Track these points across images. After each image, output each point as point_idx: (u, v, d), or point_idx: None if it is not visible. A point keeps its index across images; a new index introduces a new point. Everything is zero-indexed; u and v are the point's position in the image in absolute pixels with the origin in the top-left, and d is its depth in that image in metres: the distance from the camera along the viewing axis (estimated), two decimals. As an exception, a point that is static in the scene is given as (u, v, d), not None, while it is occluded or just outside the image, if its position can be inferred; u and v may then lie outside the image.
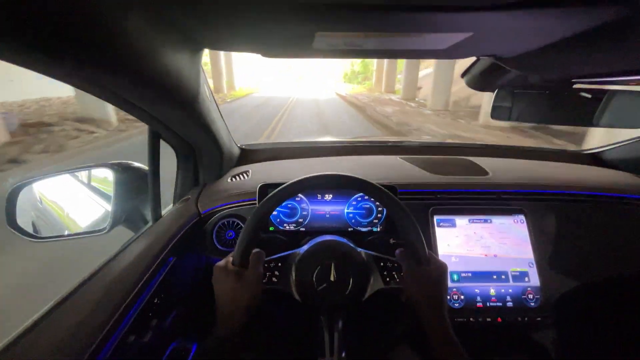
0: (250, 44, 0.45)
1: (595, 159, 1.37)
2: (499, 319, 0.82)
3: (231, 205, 0.90)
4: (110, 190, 0.83)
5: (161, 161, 0.83)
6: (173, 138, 0.85)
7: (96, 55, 0.41)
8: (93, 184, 0.88)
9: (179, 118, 0.72)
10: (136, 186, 0.92)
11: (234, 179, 1.04)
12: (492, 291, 0.84)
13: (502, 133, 7.36)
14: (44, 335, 0.50)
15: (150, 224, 0.88)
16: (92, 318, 0.53)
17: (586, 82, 0.51)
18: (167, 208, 0.97)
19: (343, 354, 0.64)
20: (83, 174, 0.90)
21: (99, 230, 0.83)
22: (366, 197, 0.89)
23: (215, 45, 0.47)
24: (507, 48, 0.44)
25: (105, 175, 0.85)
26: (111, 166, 0.84)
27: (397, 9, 0.30)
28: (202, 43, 0.48)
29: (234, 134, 1.18)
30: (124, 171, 0.85)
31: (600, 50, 0.37)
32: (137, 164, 0.90)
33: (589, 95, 0.58)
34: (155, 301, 0.69)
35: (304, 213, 0.89)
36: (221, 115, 0.97)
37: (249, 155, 1.29)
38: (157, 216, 0.89)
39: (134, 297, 0.62)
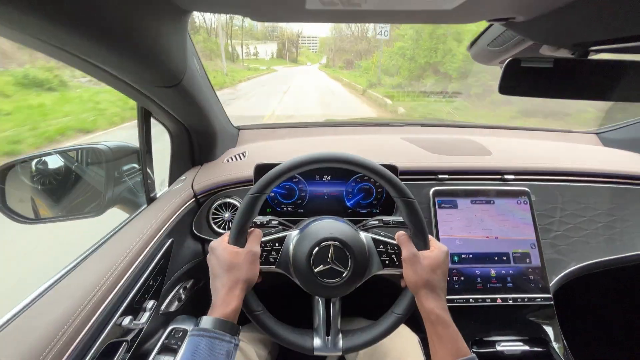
0: (238, 5, 0.41)
1: (601, 139, 1.34)
2: (499, 300, 0.81)
3: (227, 187, 0.88)
4: (101, 170, 0.81)
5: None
6: (164, 117, 0.82)
7: (73, 25, 0.38)
8: (84, 164, 0.85)
9: (168, 94, 0.68)
10: (129, 167, 0.89)
11: (230, 160, 1.01)
12: (493, 272, 0.83)
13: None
14: (35, 318, 0.49)
15: (145, 205, 0.86)
16: (87, 299, 0.52)
17: (603, 49, 0.47)
18: (163, 190, 0.95)
19: (339, 336, 0.64)
20: (74, 154, 0.87)
21: (93, 212, 0.81)
22: (366, 178, 0.87)
23: (200, 6, 0.43)
24: (521, 8, 0.40)
25: (96, 155, 0.82)
26: (103, 146, 0.81)
27: None
28: (185, 4, 0.44)
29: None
30: (116, 151, 0.82)
31: (620, 10, 0.34)
32: (129, 144, 0.87)
33: (605, 66, 0.54)
34: (151, 283, 0.67)
35: (302, 194, 0.87)
36: (215, 93, 0.93)
37: (245, 136, 1.26)
38: (151, 198, 0.87)
39: (129, 279, 0.61)
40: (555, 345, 0.79)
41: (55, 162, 0.80)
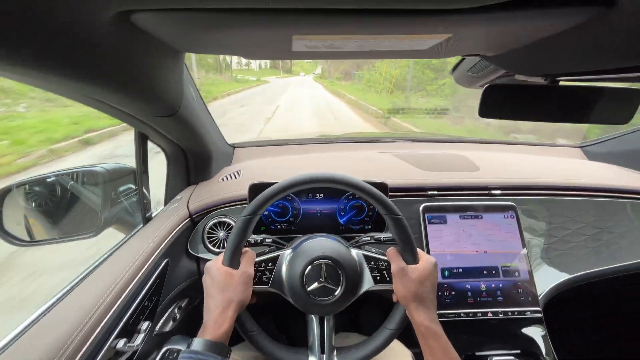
0: (230, 48, 0.45)
1: (585, 152, 1.39)
2: (490, 314, 0.83)
3: (222, 206, 0.90)
4: (98, 191, 0.82)
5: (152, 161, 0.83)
6: (161, 140, 0.84)
7: (76, 66, 0.40)
8: (81, 186, 0.86)
9: (165, 122, 0.71)
10: (126, 187, 0.91)
11: (225, 179, 1.03)
12: (483, 286, 0.85)
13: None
14: (33, 341, 0.50)
15: (141, 225, 0.87)
16: (82, 322, 0.53)
17: (571, 79, 0.51)
18: (159, 209, 0.96)
19: (334, 353, 0.65)
20: (71, 176, 0.89)
21: (89, 233, 0.83)
22: (357, 196, 0.89)
23: (195, 49, 0.47)
24: (488, 47, 0.44)
25: (93, 177, 0.84)
26: (100, 168, 0.83)
27: (371, 13, 0.29)
28: (181, 47, 0.48)
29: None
30: (112, 173, 0.84)
31: (580, 48, 0.38)
32: (126, 165, 0.89)
33: (577, 92, 0.58)
34: (146, 304, 0.68)
35: (295, 212, 0.89)
36: (210, 115, 0.97)
37: (241, 154, 1.28)
38: (147, 217, 0.88)
39: (125, 300, 0.62)
40: (546, 358, 0.80)
41: (52, 185, 0.82)
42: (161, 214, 0.90)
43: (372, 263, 0.67)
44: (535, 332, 0.84)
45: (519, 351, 0.83)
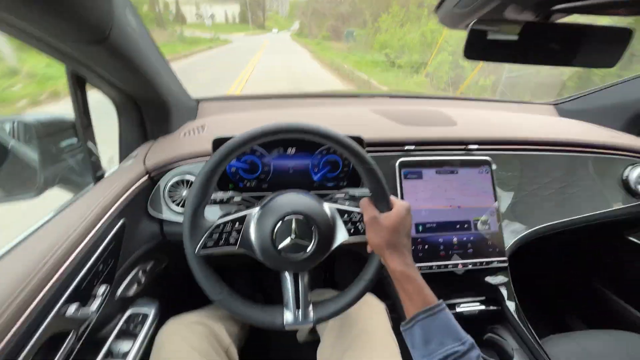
0: None
1: (557, 109, 1.40)
2: (460, 265, 0.85)
3: (183, 162, 0.82)
4: (34, 146, 0.71)
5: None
6: (103, 84, 0.72)
7: None
8: (12, 138, 0.74)
9: (95, 53, 0.59)
10: (69, 142, 0.80)
11: (187, 134, 0.93)
12: (455, 240, 0.86)
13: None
14: None
15: (91, 184, 0.78)
16: (19, 288, 0.47)
17: (565, 9, 0.46)
18: (113, 168, 0.86)
19: (310, 308, 0.64)
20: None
21: (28, 193, 0.72)
22: (332, 151, 0.84)
23: None
24: None
25: (24, 129, 0.71)
26: (31, 118, 0.71)
27: None
28: None
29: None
30: (47, 125, 0.72)
31: None
32: (64, 116, 0.77)
33: (565, 31, 0.54)
34: (101, 267, 0.62)
35: (266, 169, 0.83)
36: (164, 58, 0.84)
37: (207, 109, 1.17)
38: (98, 176, 0.79)
39: (73, 264, 0.55)
40: (508, 303, 0.85)
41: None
42: (115, 172, 0.81)
43: (346, 216, 0.64)
44: (500, 280, 0.88)
45: (484, 297, 0.87)
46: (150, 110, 0.87)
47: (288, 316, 0.62)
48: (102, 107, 0.83)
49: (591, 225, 1.01)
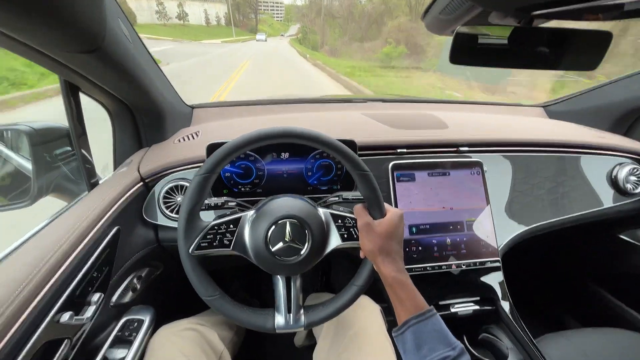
0: None
1: (547, 111, 1.43)
2: (454, 266, 0.86)
3: (178, 168, 0.82)
4: (27, 154, 0.71)
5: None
6: (96, 92, 0.72)
7: None
8: (5, 147, 0.74)
9: (89, 63, 0.60)
10: (63, 150, 0.80)
11: (181, 140, 0.94)
12: (448, 241, 0.87)
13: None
14: None
15: (85, 192, 0.78)
16: (11, 297, 0.47)
17: (546, 13, 0.48)
18: (107, 175, 0.86)
19: (301, 312, 0.64)
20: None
21: (22, 202, 0.73)
22: (325, 155, 0.85)
23: None
24: None
25: (18, 137, 0.72)
26: (25, 127, 0.71)
27: None
28: None
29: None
30: (42, 133, 0.73)
31: None
32: (59, 124, 0.77)
33: (548, 36, 0.55)
34: (95, 274, 0.62)
35: (260, 173, 0.83)
36: (157, 66, 0.85)
37: (201, 115, 1.18)
38: (93, 184, 0.79)
39: (66, 272, 0.55)
40: (502, 303, 0.86)
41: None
42: (109, 179, 0.81)
43: (340, 221, 0.65)
44: (494, 280, 0.89)
45: (478, 298, 0.88)
46: (145, 117, 0.87)
47: (279, 319, 0.62)
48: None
49: (583, 224, 1.03)
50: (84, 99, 0.72)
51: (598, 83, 1.31)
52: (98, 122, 0.86)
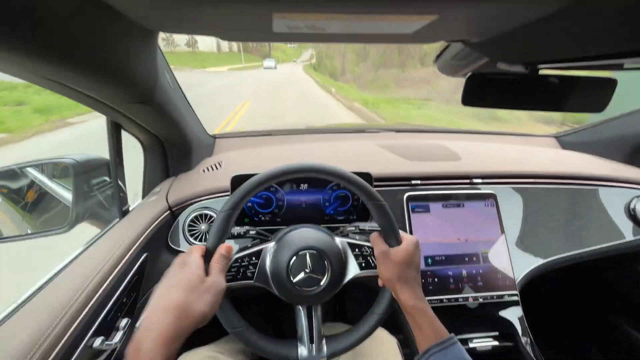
0: (204, 27, 0.42)
1: (560, 142, 1.44)
2: (470, 299, 0.85)
3: (203, 198, 0.87)
4: (69, 184, 0.78)
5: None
6: (136, 129, 0.80)
7: (42, 47, 0.37)
8: (50, 178, 0.81)
9: (139, 109, 0.67)
10: (100, 180, 0.87)
11: (206, 170, 1.00)
12: (464, 272, 0.88)
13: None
14: (2, 341, 0.47)
15: (117, 219, 0.83)
16: (54, 321, 0.50)
17: (551, 67, 0.52)
18: (136, 203, 0.92)
19: (323, 342, 0.65)
20: (38, 168, 0.83)
21: (60, 228, 0.78)
22: (342, 186, 0.89)
23: (168, 29, 0.44)
24: (473, 32, 0.44)
25: (62, 169, 0.79)
26: (70, 160, 0.78)
27: None
28: (154, 26, 0.45)
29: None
30: (83, 164, 0.79)
31: (560, 35, 0.38)
32: (98, 156, 0.84)
33: (554, 81, 0.59)
34: (125, 300, 0.66)
35: (280, 203, 0.87)
36: (189, 103, 0.93)
37: (222, 145, 1.25)
38: (124, 211, 0.84)
39: (102, 296, 0.59)
40: (522, 339, 0.84)
41: (19, 177, 0.76)
42: (139, 207, 0.87)
43: (357, 250, 0.67)
44: (512, 314, 0.88)
45: (497, 333, 0.86)
46: (174, 149, 0.94)
47: (302, 350, 0.63)
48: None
49: (602, 258, 1.01)
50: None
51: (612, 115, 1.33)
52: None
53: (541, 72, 0.58)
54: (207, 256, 0.56)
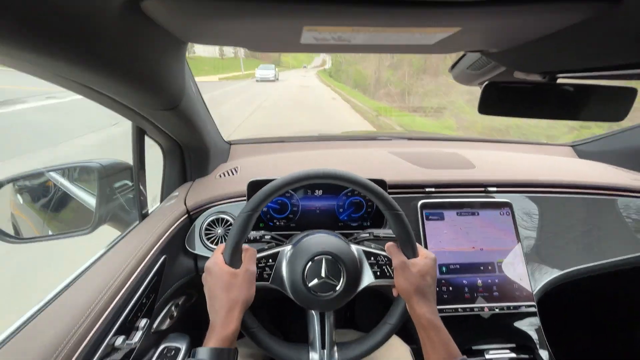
0: (236, 38, 0.44)
1: (576, 151, 1.42)
2: (486, 309, 0.84)
3: (220, 202, 0.89)
4: (93, 187, 0.81)
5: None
6: (159, 135, 0.83)
7: (82, 54, 0.39)
8: (75, 181, 0.84)
9: (165, 116, 0.70)
10: (122, 184, 0.90)
11: (222, 176, 1.02)
12: (479, 282, 0.86)
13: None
14: (28, 341, 0.49)
15: (137, 222, 0.86)
16: (80, 320, 0.52)
17: (569, 76, 0.52)
18: (155, 206, 0.95)
19: (335, 348, 0.65)
20: (64, 172, 0.87)
21: (82, 230, 0.81)
22: (356, 193, 0.89)
23: (200, 40, 0.46)
24: (493, 43, 0.45)
25: (87, 173, 0.82)
26: (95, 164, 0.82)
27: (385, 4, 0.29)
28: (187, 38, 0.47)
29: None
30: (108, 168, 0.83)
31: (580, 46, 0.39)
32: (122, 161, 0.87)
33: (572, 90, 0.59)
34: (144, 301, 0.67)
35: (294, 209, 0.88)
36: (208, 110, 0.95)
37: (237, 151, 1.27)
38: (144, 214, 0.87)
39: (123, 297, 0.61)
40: (541, 352, 0.82)
41: (45, 180, 0.80)
42: (158, 210, 0.89)
43: (372, 259, 0.68)
44: (530, 326, 0.86)
45: (514, 345, 0.84)
46: (193, 154, 0.97)
47: (313, 355, 0.63)
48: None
49: (624, 270, 0.98)
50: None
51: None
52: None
53: (559, 80, 0.58)
54: (235, 252, 0.60)
